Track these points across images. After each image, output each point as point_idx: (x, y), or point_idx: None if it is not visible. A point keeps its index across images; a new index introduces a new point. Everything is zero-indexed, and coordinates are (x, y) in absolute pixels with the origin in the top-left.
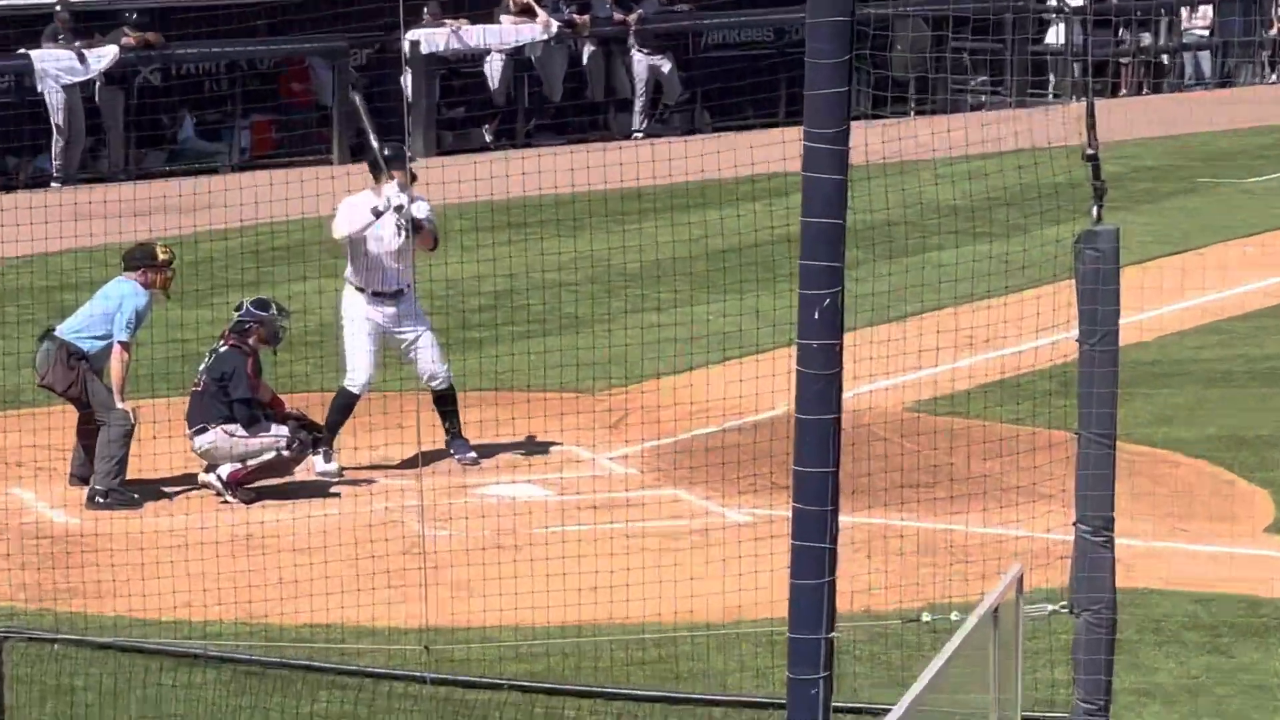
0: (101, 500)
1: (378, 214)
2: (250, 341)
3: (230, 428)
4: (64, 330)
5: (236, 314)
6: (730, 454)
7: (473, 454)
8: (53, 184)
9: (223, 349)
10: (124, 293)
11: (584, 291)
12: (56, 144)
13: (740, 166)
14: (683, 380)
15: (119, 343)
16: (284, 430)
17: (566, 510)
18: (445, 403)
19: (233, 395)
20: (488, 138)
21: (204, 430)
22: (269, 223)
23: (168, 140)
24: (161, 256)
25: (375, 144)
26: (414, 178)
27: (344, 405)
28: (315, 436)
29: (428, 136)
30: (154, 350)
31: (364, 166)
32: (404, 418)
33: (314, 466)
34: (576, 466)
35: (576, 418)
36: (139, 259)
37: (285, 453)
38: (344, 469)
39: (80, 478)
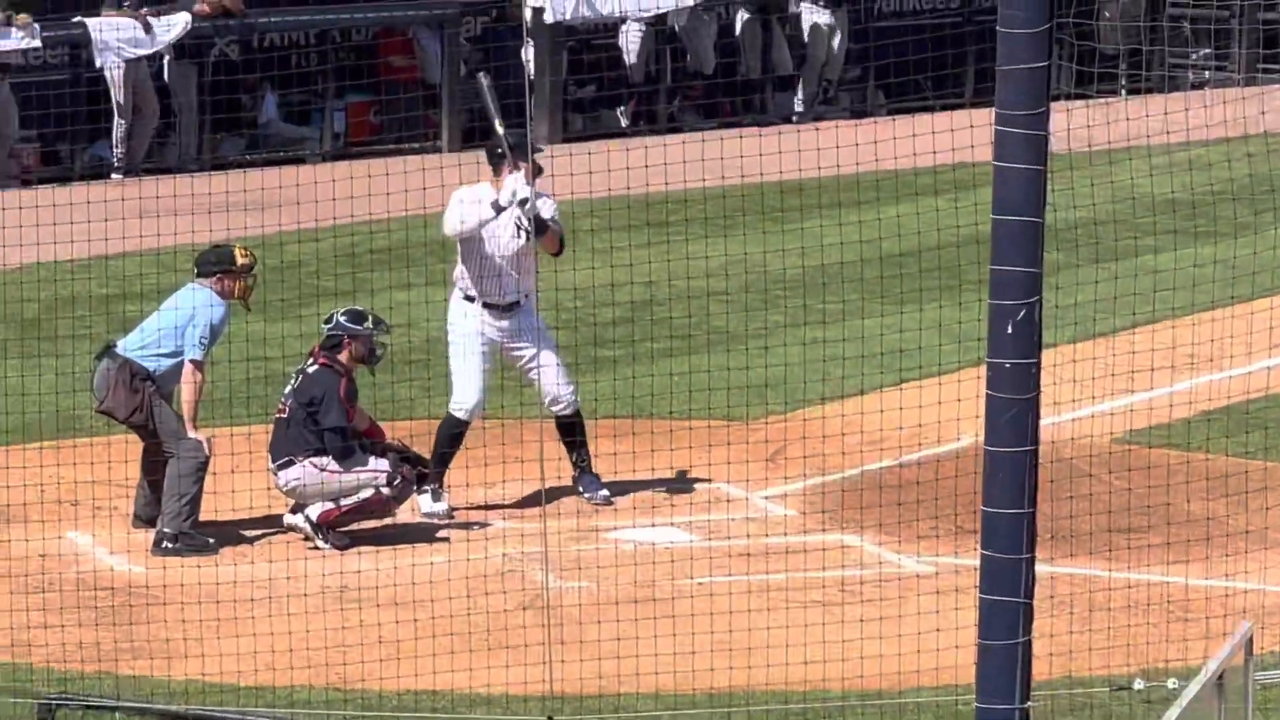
0: (170, 545)
1: (498, 210)
2: (343, 359)
3: (321, 461)
4: (127, 347)
5: (326, 327)
6: (908, 493)
7: (604, 492)
8: (113, 175)
9: (312, 369)
10: (197, 303)
11: (736, 302)
12: (118, 128)
13: (920, 155)
14: (852, 406)
15: (190, 361)
16: (384, 464)
17: (715, 558)
18: (571, 431)
19: (323, 423)
20: (624, 121)
21: (290, 464)
22: (366, 221)
23: (247, 124)
24: (241, 261)
25: (500, 130)
26: (540, 171)
27: (452, 434)
28: (420, 472)
29: (553, 120)
30: (232, 370)
31: (477, 156)
32: (524, 449)
33: (419, 507)
34: (727, 507)
35: (727, 450)
36: (214, 264)
37: (385, 490)
38: (454, 509)
39: (145, 519)
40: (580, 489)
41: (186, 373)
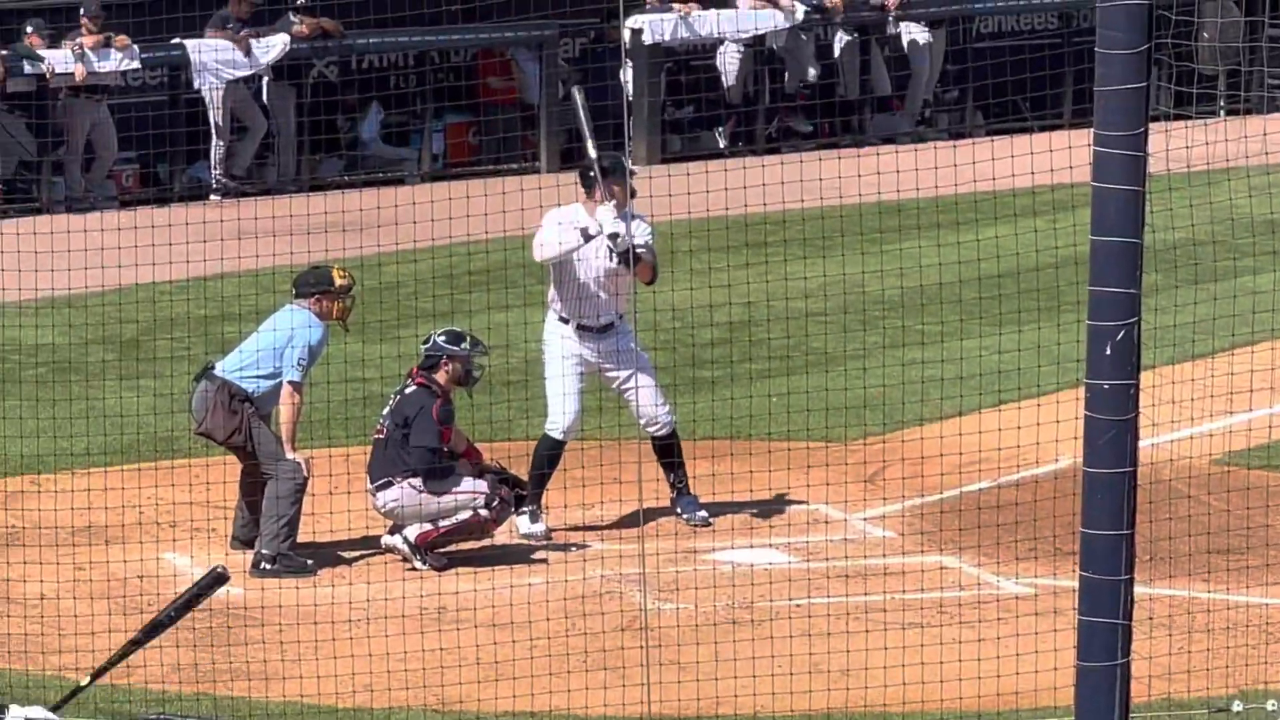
0: (268, 566)
1: (587, 238)
2: (440, 380)
3: (418, 482)
4: (225, 368)
5: (424, 348)
6: (1006, 514)
7: (703, 513)
8: (212, 196)
9: (409, 389)
10: (295, 324)
11: (834, 323)
12: (216, 149)
13: (1018, 176)
14: (950, 427)
15: (289, 383)
16: (482, 485)
17: (814, 580)
18: (668, 452)
19: (416, 442)
20: (722, 142)
21: (388, 485)
22: (465, 242)
23: (346, 146)
24: (339, 282)
25: (593, 152)
26: (634, 194)
27: (549, 455)
28: (519, 494)
29: (651, 141)
30: (330, 391)
31: (576, 176)
32: (622, 470)
33: (517, 528)
34: (825, 528)
35: (825, 471)
36: (313, 285)
37: (484, 512)
38: (552, 531)
39: (244, 540)
40: (678, 510)
41: (285, 394)
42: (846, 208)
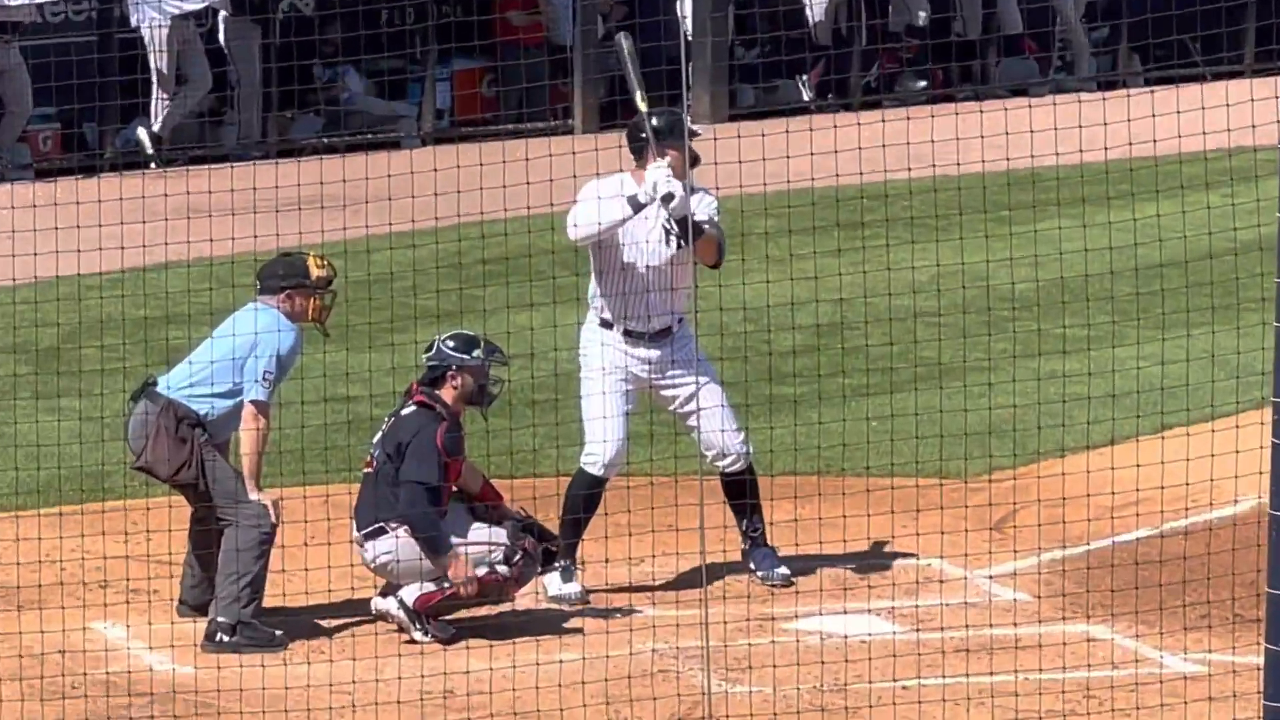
0: (227, 638)
1: (637, 207)
2: (446, 398)
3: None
4: (170, 384)
5: (426, 357)
6: (1171, 571)
7: (784, 570)
8: (153, 165)
9: (407, 410)
10: (260, 328)
11: (950, 325)
12: (158, 105)
13: (1187, 137)
14: (1100, 459)
15: (252, 403)
16: (500, 535)
17: (925, 656)
18: (741, 492)
19: (408, 476)
20: (806, 94)
21: (380, 533)
22: (477, 222)
23: (325, 100)
24: (316, 274)
25: (643, 106)
26: (696, 159)
27: (586, 496)
28: (547, 547)
29: (716, 93)
30: (305, 414)
31: (619, 138)
32: (680, 515)
33: (545, 589)
34: (940, 589)
35: (940, 515)
36: (283, 278)
37: (502, 569)
38: (589, 592)
39: (194, 605)
40: (752, 565)
41: (247, 418)
42: (966, 178)
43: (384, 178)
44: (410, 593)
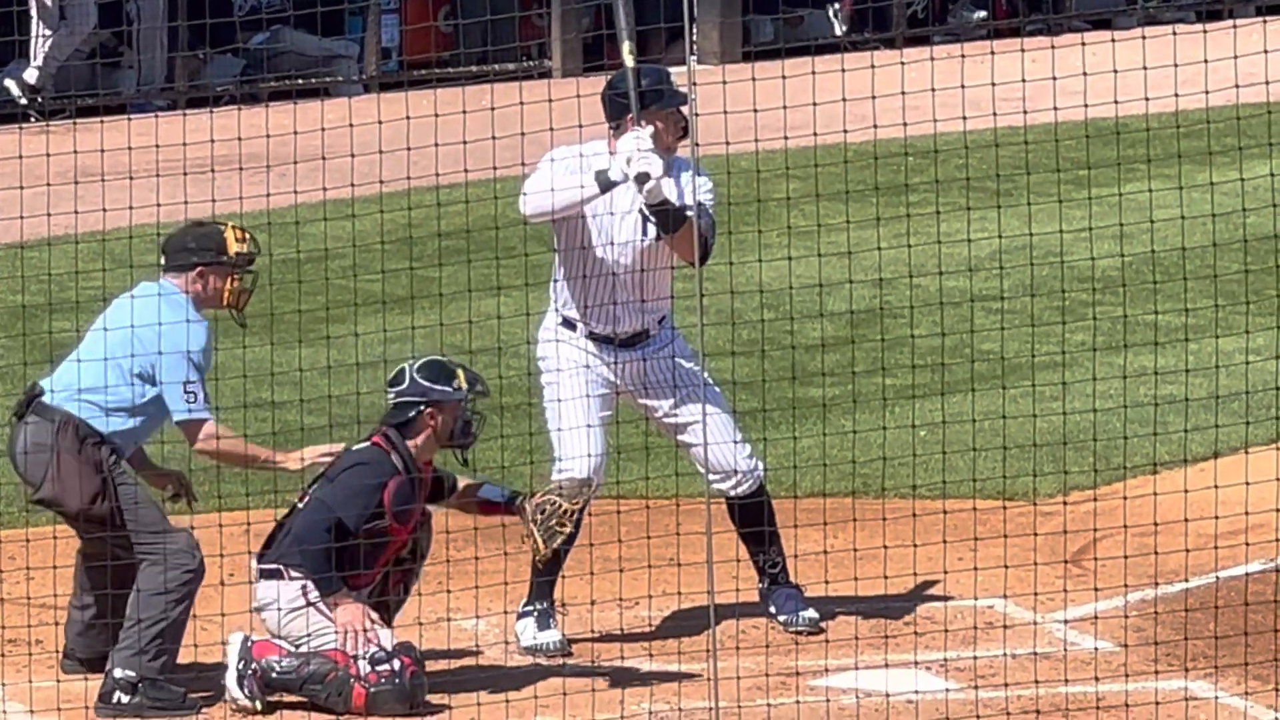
0: (125, 698)
1: (606, 186)
2: (416, 445)
3: (314, 588)
4: (56, 389)
5: (393, 392)
6: None
7: (811, 613)
8: (32, 117)
9: (359, 445)
10: (166, 316)
11: (1015, 311)
12: (38, 46)
13: None
14: (1200, 477)
15: (193, 423)
16: (386, 635)
17: (986, 718)
18: (754, 519)
19: (325, 497)
20: (838, 28)
21: (276, 575)
22: (431, 187)
23: (244, 36)
24: (235, 248)
25: (628, 61)
26: (685, 132)
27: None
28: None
29: (728, 27)
30: (220, 423)
31: (598, 84)
32: (682, 546)
33: (518, 639)
34: (1004, 636)
35: (1003, 546)
36: (194, 251)
37: (360, 665)
38: (571, 641)
39: (85, 658)
40: (771, 608)
41: (198, 442)
42: (1034, 130)
43: (317, 132)
44: (256, 636)
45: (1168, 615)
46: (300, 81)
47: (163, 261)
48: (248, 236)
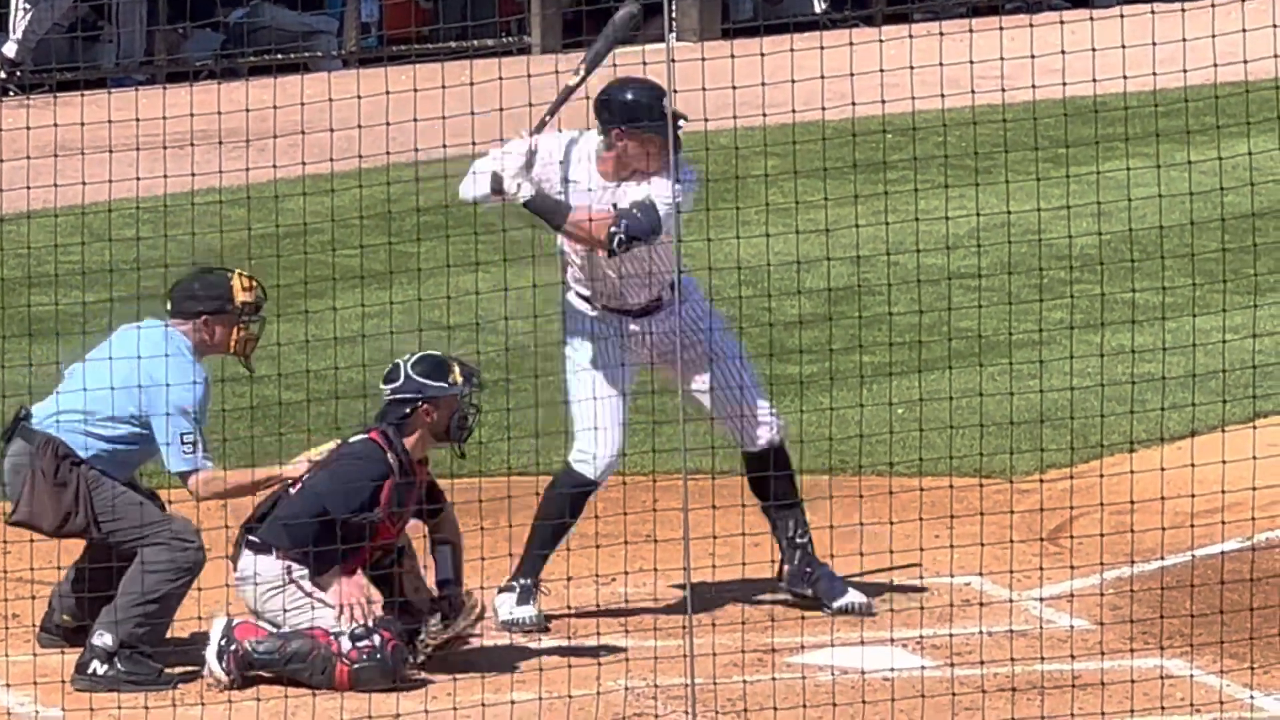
0: (101, 669)
1: (497, 189)
2: (412, 443)
3: (301, 568)
4: (44, 415)
5: (389, 389)
6: (1264, 593)
7: (859, 596)
8: (11, 91)
9: (356, 437)
10: (174, 366)
11: (993, 289)
12: (17, 20)
13: None
14: (1176, 455)
15: (186, 474)
16: (363, 600)
17: (961, 697)
18: (783, 467)
19: (316, 487)
20: (818, 4)
21: (264, 549)
22: (410, 163)
23: (224, 11)
24: (242, 298)
25: (575, 78)
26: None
27: (572, 497)
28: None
29: (706, 3)
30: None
31: (577, 60)
32: (659, 522)
33: (496, 612)
34: (980, 614)
35: (979, 523)
36: (200, 300)
37: (342, 643)
38: (549, 617)
39: (65, 629)
40: (809, 592)
41: (205, 488)
42: (1012, 108)
43: (296, 107)
44: (240, 618)
45: (1143, 593)
46: (280, 56)
47: (169, 306)
48: (255, 284)
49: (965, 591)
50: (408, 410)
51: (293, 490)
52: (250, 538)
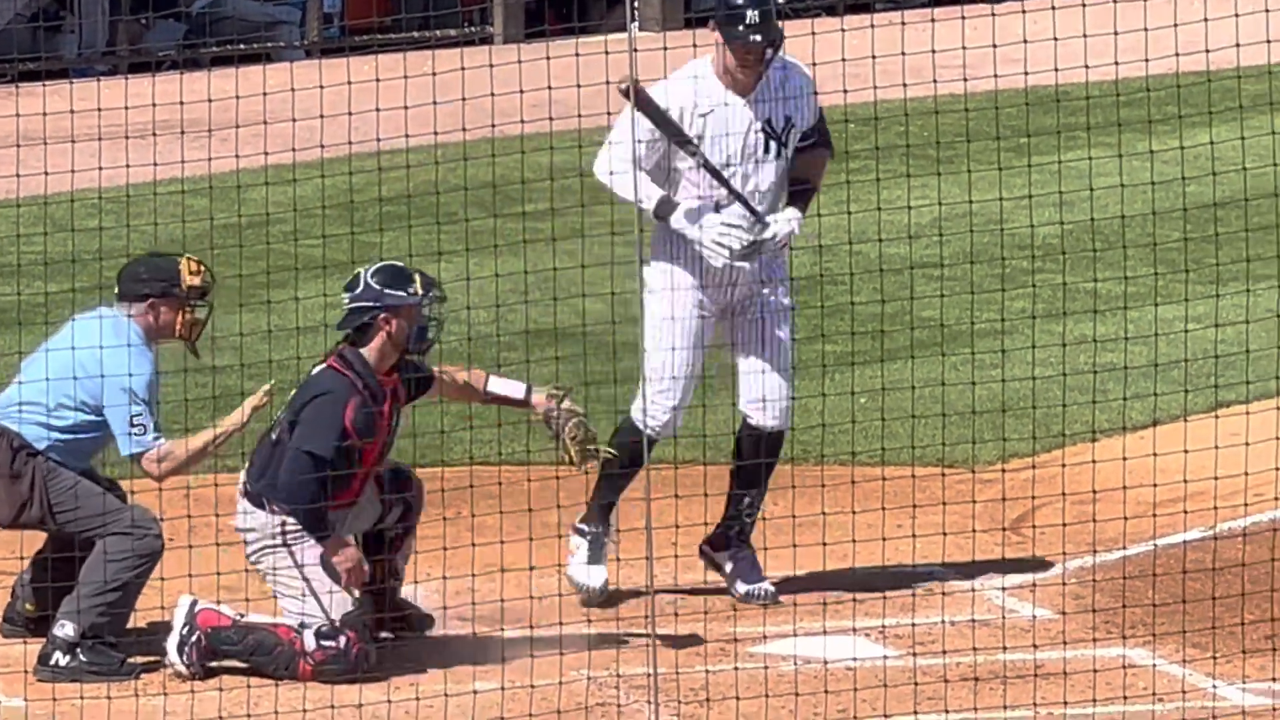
0: (63, 659)
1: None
2: (372, 352)
3: (296, 524)
4: (4, 406)
5: (348, 297)
6: (1227, 582)
7: (770, 586)
8: None
9: (316, 369)
10: (127, 352)
11: (955, 279)
12: None
13: (1247, 46)
14: (1139, 444)
15: (136, 457)
16: (341, 601)
17: (924, 686)
18: (773, 451)
19: (298, 443)
20: None
21: (258, 502)
22: (373, 153)
23: (185, 4)
24: (189, 281)
25: None
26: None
27: (632, 448)
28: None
29: None
30: (162, 389)
31: (562, 47)
32: (623, 512)
33: (572, 557)
34: (941, 603)
35: (941, 513)
36: (147, 282)
37: (309, 641)
38: (507, 601)
39: (25, 617)
40: (728, 567)
41: (158, 467)
42: (975, 98)
43: (258, 96)
44: (203, 604)
45: (1106, 583)
46: (242, 47)
47: (117, 290)
48: (203, 269)
49: (927, 581)
50: (366, 319)
51: (274, 437)
52: (249, 487)
